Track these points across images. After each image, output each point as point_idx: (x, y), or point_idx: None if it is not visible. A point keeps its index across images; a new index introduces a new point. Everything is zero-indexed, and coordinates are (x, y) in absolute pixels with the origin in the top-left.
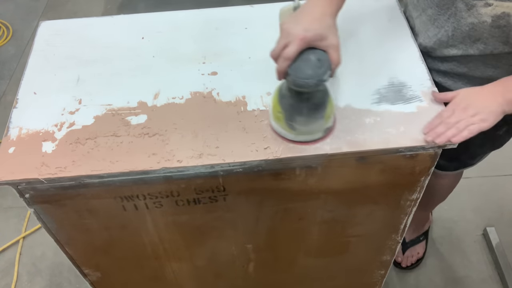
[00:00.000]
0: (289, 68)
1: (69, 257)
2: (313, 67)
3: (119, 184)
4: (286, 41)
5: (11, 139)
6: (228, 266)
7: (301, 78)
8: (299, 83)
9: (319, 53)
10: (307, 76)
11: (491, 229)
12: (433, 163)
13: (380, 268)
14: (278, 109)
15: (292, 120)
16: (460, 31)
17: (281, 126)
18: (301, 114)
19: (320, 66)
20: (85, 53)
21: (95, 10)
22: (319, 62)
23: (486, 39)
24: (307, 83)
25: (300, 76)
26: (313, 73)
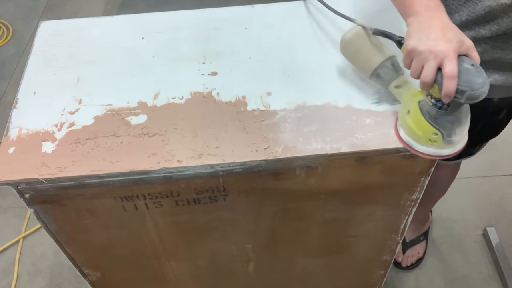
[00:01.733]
0: (459, 85)
1: (69, 257)
2: (477, 74)
3: (119, 184)
4: (437, 61)
5: (11, 139)
6: (228, 266)
7: (477, 89)
8: (477, 95)
9: (467, 59)
10: (481, 85)
11: (491, 229)
12: (433, 163)
13: (380, 268)
14: (433, 131)
15: (451, 136)
16: (475, 14)
17: (437, 147)
18: (460, 124)
19: (480, 70)
20: (85, 53)
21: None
22: (476, 68)
23: (501, 20)
24: (484, 92)
25: (476, 87)
26: (483, 80)
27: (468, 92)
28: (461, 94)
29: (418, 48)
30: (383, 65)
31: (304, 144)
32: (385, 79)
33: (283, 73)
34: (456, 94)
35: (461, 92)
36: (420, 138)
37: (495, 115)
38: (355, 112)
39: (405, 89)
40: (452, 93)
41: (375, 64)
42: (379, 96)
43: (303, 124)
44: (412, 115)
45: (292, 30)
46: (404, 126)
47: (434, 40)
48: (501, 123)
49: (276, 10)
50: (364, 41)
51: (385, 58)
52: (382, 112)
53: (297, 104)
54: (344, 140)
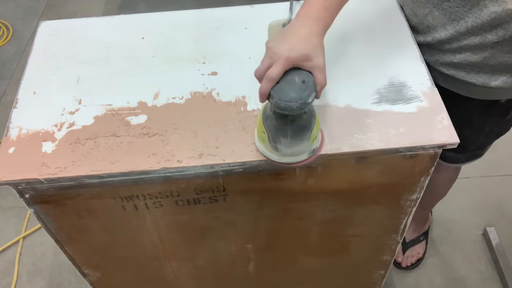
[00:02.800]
0: (272, 90)
1: (69, 257)
2: (297, 89)
3: (119, 184)
4: (271, 61)
5: (11, 139)
6: (228, 266)
7: (284, 101)
8: (282, 106)
9: (304, 74)
10: (291, 99)
11: (491, 229)
12: (433, 163)
13: (380, 268)
14: (263, 130)
15: (276, 142)
16: (480, 21)
17: (265, 147)
18: (285, 136)
19: (305, 88)
20: (85, 53)
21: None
22: (303, 84)
23: (507, 25)
24: (290, 106)
25: (284, 99)
26: (296, 96)
27: (275, 99)
28: (271, 99)
29: (267, 45)
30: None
31: None
32: None
33: None
34: (269, 98)
35: (271, 96)
36: (257, 132)
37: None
38: (355, 112)
39: None
40: (263, 94)
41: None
42: (379, 96)
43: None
44: (260, 110)
45: None
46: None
47: (280, 43)
48: (509, 124)
49: (276, 10)
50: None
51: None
52: (382, 112)
53: None
54: (344, 140)
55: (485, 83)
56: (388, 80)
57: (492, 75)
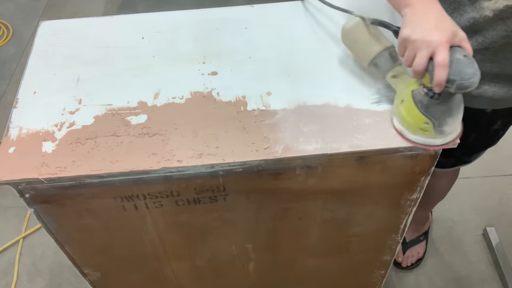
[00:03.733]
0: (450, 74)
1: (69, 257)
2: (469, 64)
3: (119, 184)
4: (429, 50)
5: (11, 139)
6: (228, 266)
7: (467, 79)
8: (467, 84)
9: (460, 50)
10: (471, 76)
11: (491, 229)
12: (433, 163)
13: (380, 268)
14: (425, 121)
15: (442, 126)
16: (460, 26)
17: (428, 136)
18: (451, 115)
19: (471, 61)
20: (85, 53)
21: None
22: (468, 59)
23: (486, 32)
24: (474, 82)
25: (466, 77)
26: (474, 71)
27: (458, 82)
28: (451, 84)
29: (411, 37)
30: (380, 55)
31: (304, 144)
32: (382, 68)
33: (283, 73)
34: (446, 83)
35: (451, 81)
36: (412, 126)
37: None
38: (355, 112)
39: (401, 79)
40: (442, 82)
41: (373, 53)
42: (379, 96)
43: (303, 124)
44: (405, 104)
45: (292, 30)
46: (398, 115)
47: (427, 30)
48: (497, 134)
49: (276, 10)
50: (363, 31)
51: (383, 48)
52: (382, 112)
53: (297, 104)
54: (344, 140)
55: None
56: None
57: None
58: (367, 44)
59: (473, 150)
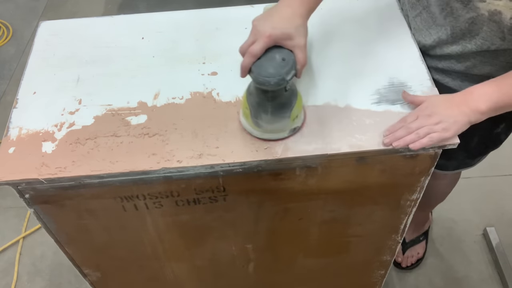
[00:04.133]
0: (253, 65)
1: (69, 257)
2: (277, 66)
3: (119, 184)
4: (254, 38)
5: (11, 139)
6: (228, 266)
7: (262, 76)
8: (261, 80)
9: (284, 53)
10: (269, 75)
11: (491, 229)
12: (433, 164)
13: (380, 268)
14: (246, 105)
15: (257, 118)
16: (459, 28)
17: (248, 123)
18: (266, 112)
19: (284, 65)
20: (85, 53)
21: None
22: (283, 62)
23: (484, 33)
24: (268, 81)
25: (262, 74)
26: (275, 72)
27: (254, 74)
28: (251, 73)
29: (253, 22)
30: None
31: (304, 144)
32: None
33: None
34: (250, 73)
35: (251, 72)
36: (242, 106)
37: (492, 129)
38: (355, 112)
39: None
40: (244, 68)
41: None
42: (379, 96)
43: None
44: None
45: None
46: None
47: (265, 22)
48: (499, 137)
49: None
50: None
51: None
52: (381, 112)
53: None
54: (344, 140)
55: None
56: (388, 80)
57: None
58: None
59: (476, 153)
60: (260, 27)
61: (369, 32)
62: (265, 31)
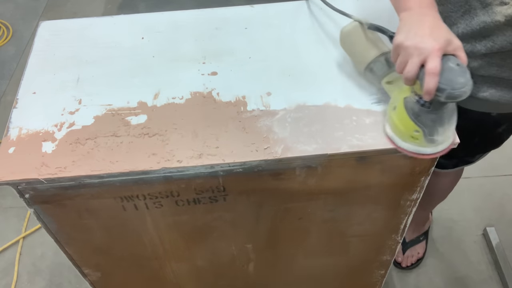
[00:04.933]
0: (440, 83)
1: (69, 257)
2: (461, 74)
3: (119, 184)
4: (421, 57)
5: (11, 139)
6: (228, 266)
7: (457, 89)
8: (457, 94)
9: (453, 59)
10: (462, 85)
11: (491, 229)
12: (433, 163)
13: (380, 268)
14: (415, 129)
15: (433, 134)
16: (470, 29)
17: (418, 144)
18: (442, 124)
19: (464, 70)
20: (85, 53)
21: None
22: (460, 68)
23: (495, 37)
24: (465, 92)
25: (456, 87)
26: (465, 80)
27: (448, 91)
28: (441, 92)
29: (404, 44)
30: (377, 60)
31: (304, 144)
32: (378, 73)
33: (283, 73)
34: (436, 92)
35: (441, 90)
36: (403, 134)
37: (494, 129)
38: (355, 112)
39: (396, 85)
40: (432, 90)
41: (369, 58)
42: (379, 96)
43: (303, 124)
44: (397, 110)
45: (292, 30)
46: (390, 121)
47: (421, 37)
48: (501, 137)
49: (276, 10)
50: (360, 35)
51: (379, 53)
52: (382, 112)
53: (297, 104)
54: (344, 140)
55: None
56: None
57: (481, 86)
58: (364, 49)
59: (476, 152)
60: (422, 44)
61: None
62: (432, 45)
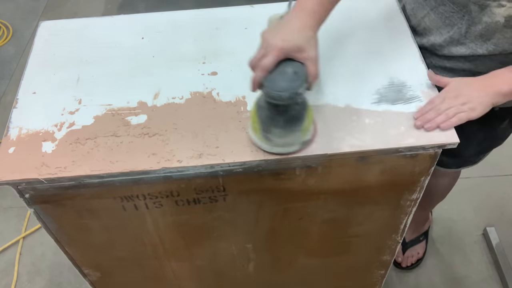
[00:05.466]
0: (265, 80)
1: (69, 257)
2: (288, 80)
3: (119, 184)
4: (264, 51)
5: (11, 139)
6: (228, 266)
7: (275, 90)
8: (273, 95)
9: (296, 66)
10: (281, 89)
11: (491, 229)
12: (433, 163)
13: (380, 268)
14: (255, 120)
15: (268, 132)
16: (474, 29)
17: (257, 137)
18: (277, 126)
19: (296, 79)
20: (85, 53)
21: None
22: (295, 75)
23: (497, 40)
24: (280, 96)
25: (274, 88)
26: (287, 86)
27: (266, 89)
28: (263, 88)
29: (263, 34)
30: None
31: None
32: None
33: None
34: (261, 87)
35: (263, 86)
36: (252, 122)
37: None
38: (355, 112)
39: None
40: (255, 83)
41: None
42: (379, 96)
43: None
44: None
45: None
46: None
47: (275, 34)
48: (505, 132)
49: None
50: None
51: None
52: (381, 112)
53: None
54: (344, 140)
55: None
56: (388, 80)
57: None
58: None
59: (480, 150)
60: (270, 40)
61: (369, 32)
62: (276, 43)
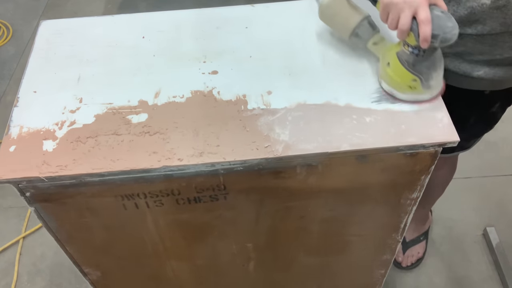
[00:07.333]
0: (432, 30)
1: (70, 256)
2: (448, 19)
3: (120, 182)
4: (412, 10)
5: (12, 138)
6: (228, 265)
7: (449, 32)
8: (449, 37)
9: (436, 8)
10: (451, 28)
11: (491, 229)
12: (433, 162)
13: (380, 268)
14: (412, 78)
15: (429, 80)
16: (458, 14)
17: (416, 93)
18: (436, 69)
19: (449, 16)
20: (86, 52)
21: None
22: (445, 14)
23: (484, 21)
24: (455, 34)
25: (447, 30)
26: (453, 24)
27: (441, 36)
28: (435, 38)
29: (394, 1)
30: (361, 24)
31: (305, 142)
32: (364, 37)
33: (284, 72)
34: (432, 38)
35: (435, 36)
36: (401, 86)
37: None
38: (355, 110)
39: (382, 45)
40: (428, 37)
41: (354, 24)
42: (379, 94)
43: (303, 122)
44: (392, 65)
45: (292, 29)
46: (385, 78)
47: None
48: (495, 116)
49: (277, 9)
50: (341, 4)
51: (362, 18)
52: (382, 110)
53: (298, 103)
54: (345, 138)
55: (467, 72)
56: None
57: (475, 65)
58: (347, 16)
59: (472, 135)
60: None
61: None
62: None
